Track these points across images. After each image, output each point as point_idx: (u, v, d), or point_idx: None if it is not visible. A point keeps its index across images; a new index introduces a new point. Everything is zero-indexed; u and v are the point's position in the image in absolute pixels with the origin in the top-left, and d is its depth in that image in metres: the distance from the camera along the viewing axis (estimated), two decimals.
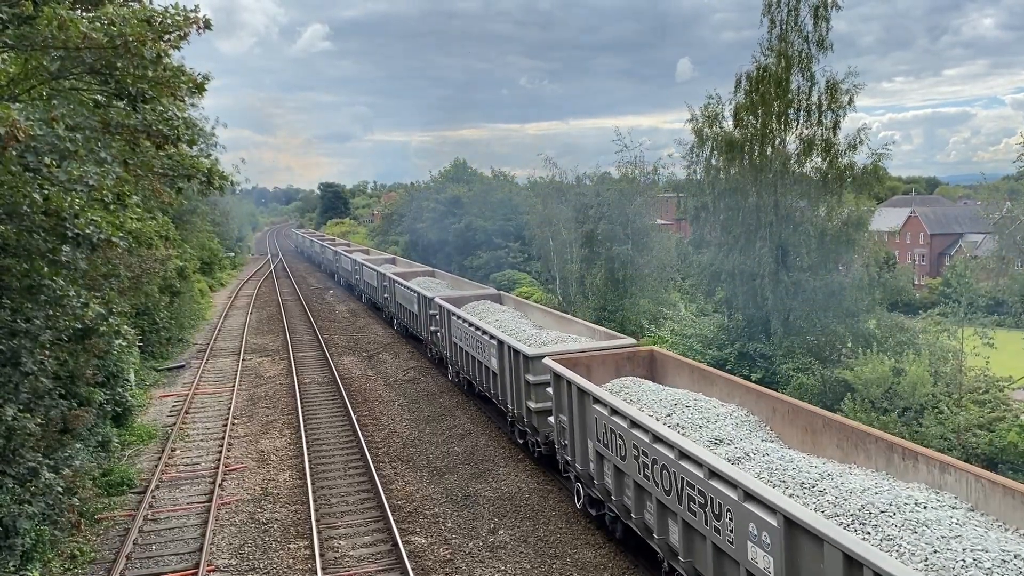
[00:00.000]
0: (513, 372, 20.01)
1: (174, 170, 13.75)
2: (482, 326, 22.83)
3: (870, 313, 27.87)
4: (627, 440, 12.93)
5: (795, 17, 27.65)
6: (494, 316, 25.24)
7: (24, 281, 12.60)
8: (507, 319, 24.77)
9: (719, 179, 29.55)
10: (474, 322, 23.62)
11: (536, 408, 18.51)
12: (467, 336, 24.42)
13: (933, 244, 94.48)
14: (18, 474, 13.24)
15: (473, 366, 24.24)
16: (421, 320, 32.00)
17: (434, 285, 36.24)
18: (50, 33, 10.01)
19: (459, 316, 25.12)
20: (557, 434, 16.70)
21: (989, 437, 19.92)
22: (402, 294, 36.10)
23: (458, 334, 25.56)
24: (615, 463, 13.61)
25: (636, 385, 15.54)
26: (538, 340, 20.90)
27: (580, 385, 14.93)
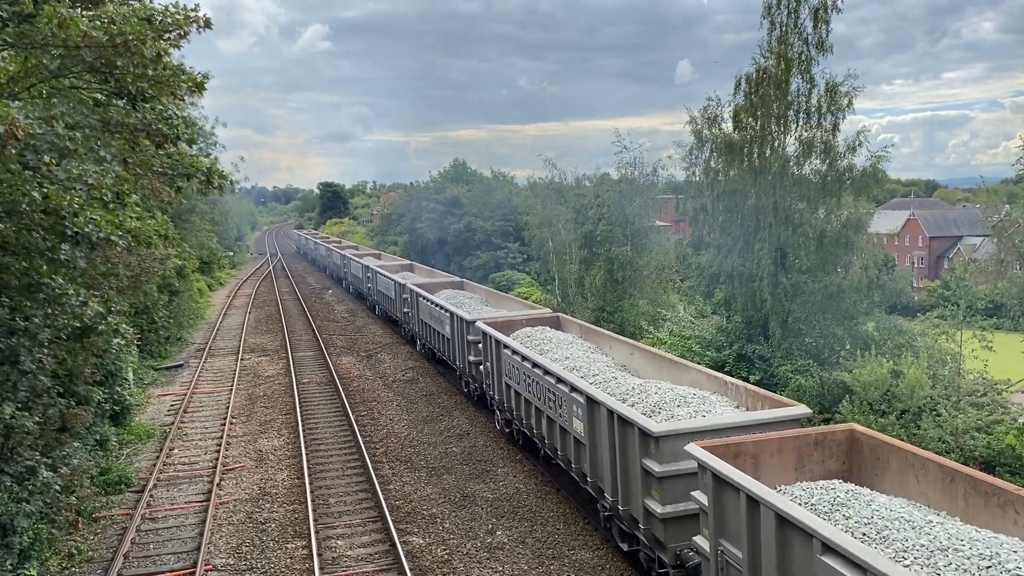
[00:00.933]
0: (621, 451, 13.44)
1: (173, 169, 13.77)
2: (557, 372, 16.41)
3: (869, 315, 27.85)
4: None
5: (795, 19, 27.62)
6: (559, 350, 19.54)
7: (23, 279, 12.61)
8: (578, 355, 18.86)
9: (718, 181, 29.53)
10: (541, 363, 17.35)
11: (669, 514, 12.05)
12: (528, 378, 18.22)
13: (932, 247, 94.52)
14: (16, 472, 13.25)
15: (539, 421, 17.76)
16: (455, 346, 26.02)
17: (467, 301, 30.16)
18: (50, 31, 10.02)
19: (513, 349, 19.34)
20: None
21: (987, 440, 19.91)
22: (428, 311, 29.94)
23: (513, 373, 19.38)
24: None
25: None
26: (649, 400, 14.27)
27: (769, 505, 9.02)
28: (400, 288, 36.38)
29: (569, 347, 19.87)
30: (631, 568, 14.10)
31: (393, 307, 39.09)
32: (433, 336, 29.62)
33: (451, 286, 34.95)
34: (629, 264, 38.11)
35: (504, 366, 20.26)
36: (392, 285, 38.63)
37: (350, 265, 56.20)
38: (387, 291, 40.27)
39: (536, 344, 20.41)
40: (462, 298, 31.28)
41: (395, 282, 37.91)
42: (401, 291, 36.11)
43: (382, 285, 41.91)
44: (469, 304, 29.55)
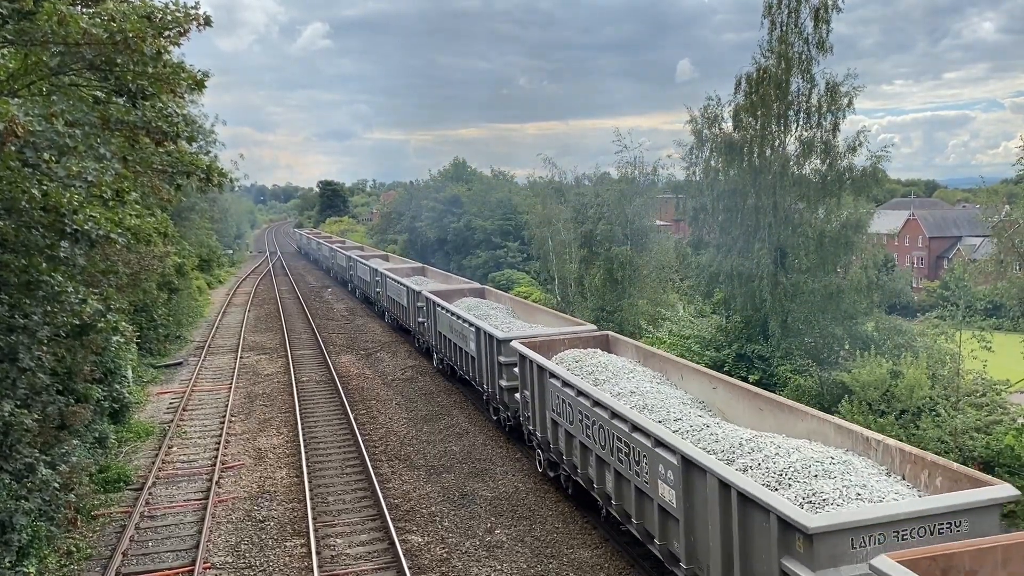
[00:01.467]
0: (742, 542, 9.90)
1: (173, 167, 13.77)
2: (631, 417, 12.85)
3: (868, 315, 27.88)
4: None
5: (795, 19, 27.63)
6: (619, 379, 15.93)
7: (22, 277, 12.60)
8: (646, 388, 15.27)
9: (718, 180, 29.55)
10: (606, 402, 13.82)
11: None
12: (585, 418, 14.69)
13: (932, 247, 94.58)
14: (15, 470, 13.24)
15: (602, 474, 14.42)
16: (482, 366, 22.39)
17: (491, 312, 25.99)
18: (50, 29, 10.01)
19: (564, 380, 15.75)
20: None
21: (986, 440, 19.90)
22: (448, 323, 26.31)
23: (562, 408, 15.88)
24: None
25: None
26: (773, 466, 10.67)
27: None
28: (414, 296, 32.56)
29: (630, 377, 16.37)
30: (630, 567, 14.10)
31: (405, 316, 35.19)
32: (454, 352, 25.59)
33: (471, 293, 30.90)
34: (629, 263, 38.14)
35: (549, 398, 16.83)
36: (405, 292, 34.81)
37: (356, 268, 52.36)
38: (398, 298, 36.42)
39: (588, 371, 16.94)
40: (486, 309, 26.94)
41: (408, 288, 34.17)
42: (415, 299, 32.12)
43: (392, 291, 38.11)
44: (496, 317, 25.38)
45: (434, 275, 41.89)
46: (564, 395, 15.75)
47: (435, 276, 41.52)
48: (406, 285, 34.92)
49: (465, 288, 32.04)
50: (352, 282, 55.56)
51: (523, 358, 18.19)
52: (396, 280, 37.37)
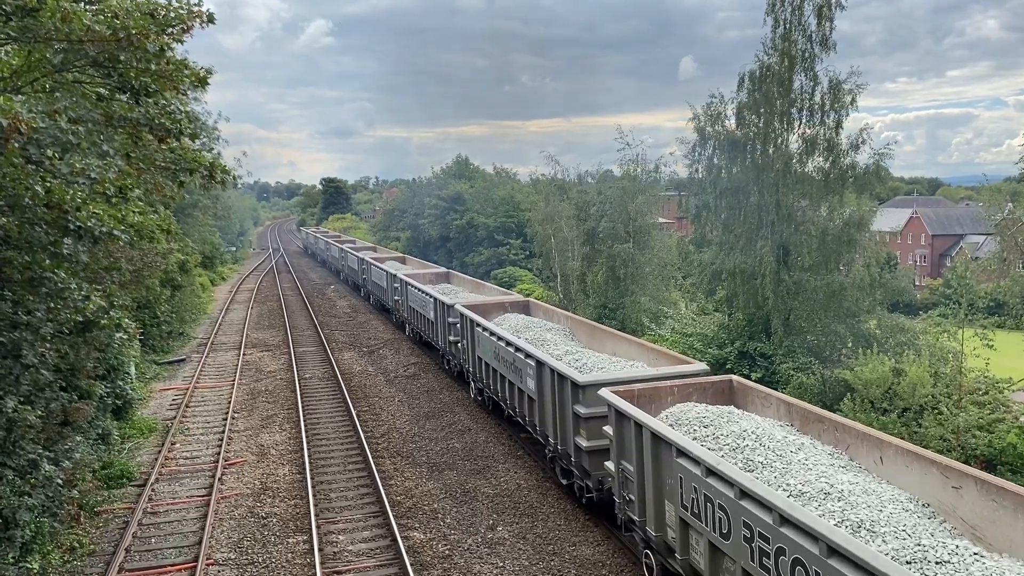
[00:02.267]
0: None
1: (176, 164, 13.78)
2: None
3: (871, 313, 27.89)
4: None
5: (799, 17, 27.65)
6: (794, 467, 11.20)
7: (26, 273, 12.63)
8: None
9: (721, 178, 29.57)
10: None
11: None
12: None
13: (934, 245, 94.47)
14: (18, 466, 13.27)
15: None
16: (547, 413, 17.44)
17: (547, 336, 20.88)
18: (53, 25, 10.02)
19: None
20: None
21: (988, 438, 19.92)
22: (493, 349, 21.03)
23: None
24: None
25: None
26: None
27: None
28: (444, 309, 27.80)
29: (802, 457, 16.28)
30: (632, 565, 14.12)
31: (432, 332, 30.09)
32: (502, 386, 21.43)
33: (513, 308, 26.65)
34: (631, 261, 38.16)
35: (679, 488, 17.38)
36: (431, 303, 29.72)
37: (370, 272, 45.92)
38: (423, 310, 31.46)
39: (730, 445, 15.19)
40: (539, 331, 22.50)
41: (435, 300, 29.07)
42: (446, 312, 27.41)
43: (415, 301, 32.78)
44: (554, 343, 21.81)
45: (461, 282, 36.84)
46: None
47: (463, 283, 36.27)
48: (432, 295, 29.83)
49: (505, 301, 26.98)
50: (365, 287, 50.65)
51: (621, 416, 13.12)
52: (420, 289, 32.25)
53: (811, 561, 8.42)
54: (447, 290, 32.57)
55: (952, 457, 13.88)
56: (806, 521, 8.58)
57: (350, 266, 58.16)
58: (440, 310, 28.30)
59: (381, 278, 42.83)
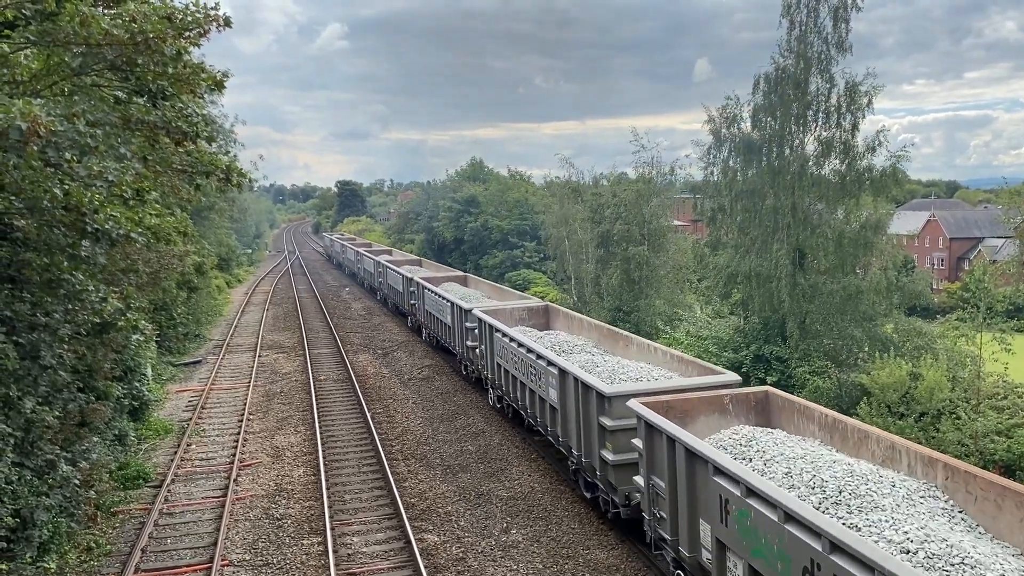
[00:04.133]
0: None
1: (193, 167, 13.85)
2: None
3: (887, 317, 27.69)
4: None
5: (815, 18, 27.53)
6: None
7: (44, 275, 12.73)
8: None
9: (736, 180, 29.45)
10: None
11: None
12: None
13: (952, 248, 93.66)
14: (36, 466, 13.37)
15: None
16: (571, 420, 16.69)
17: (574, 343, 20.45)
18: (72, 29, 10.09)
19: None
20: None
21: (1007, 443, 19.74)
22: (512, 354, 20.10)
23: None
24: None
25: None
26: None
27: None
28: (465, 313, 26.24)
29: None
30: (646, 568, 14.06)
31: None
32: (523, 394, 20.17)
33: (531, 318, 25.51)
34: (646, 264, 38.07)
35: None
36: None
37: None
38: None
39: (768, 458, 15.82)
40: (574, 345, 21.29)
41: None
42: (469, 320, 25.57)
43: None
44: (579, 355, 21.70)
45: (478, 285, 35.34)
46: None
47: (480, 287, 34.77)
48: (449, 300, 28.68)
49: (525, 306, 25.92)
50: (381, 290, 47.99)
51: (652, 429, 12.46)
52: (437, 293, 30.92)
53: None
54: (465, 294, 31.56)
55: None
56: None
57: (366, 269, 56.95)
58: (457, 315, 27.58)
59: (397, 281, 41.78)
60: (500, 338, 21.60)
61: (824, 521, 8.46)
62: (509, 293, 31.79)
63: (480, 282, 36.31)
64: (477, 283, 36.28)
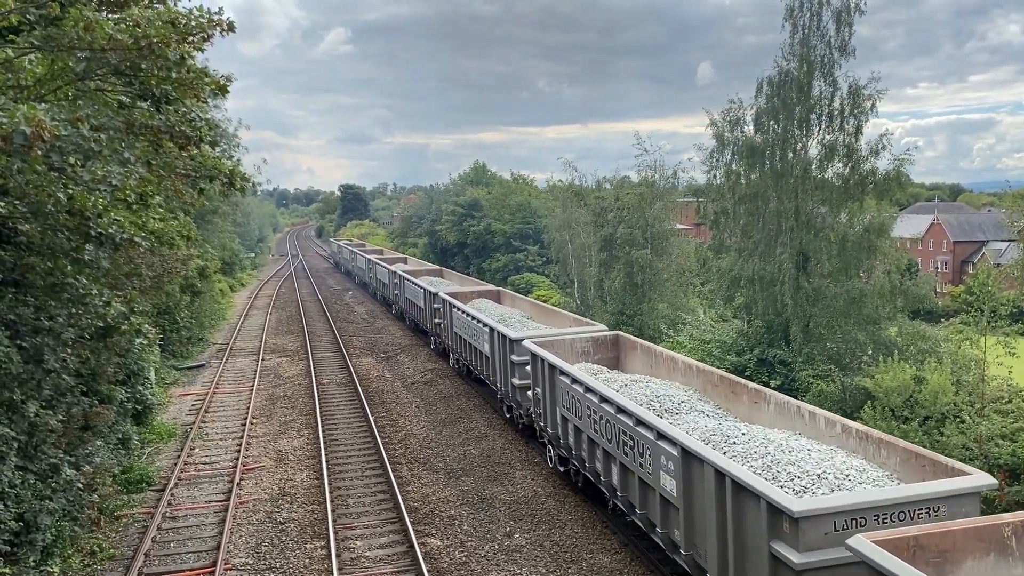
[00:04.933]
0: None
1: (196, 171, 13.89)
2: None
3: (891, 320, 27.61)
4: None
5: (817, 22, 27.50)
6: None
7: (48, 279, 12.77)
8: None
9: (739, 184, 29.41)
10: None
11: None
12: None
13: (956, 251, 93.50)
14: (40, 470, 13.39)
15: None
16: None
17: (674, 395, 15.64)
18: (76, 34, 10.12)
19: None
20: None
21: (1012, 447, 19.66)
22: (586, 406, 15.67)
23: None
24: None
25: None
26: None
27: None
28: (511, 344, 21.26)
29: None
30: (649, 573, 14.04)
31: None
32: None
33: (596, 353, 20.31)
34: (649, 267, 38.00)
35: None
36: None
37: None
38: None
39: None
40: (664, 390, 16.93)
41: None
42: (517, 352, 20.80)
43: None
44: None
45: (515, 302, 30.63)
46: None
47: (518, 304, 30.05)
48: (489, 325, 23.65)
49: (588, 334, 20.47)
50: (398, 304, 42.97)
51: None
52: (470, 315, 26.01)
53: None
54: (503, 316, 26.29)
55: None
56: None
57: (379, 279, 50.58)
58: (500, 344, 22.56)
59: (417, 296, 35.96)
60: (569, 385, 16.58)
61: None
62: (557, 314, 26.01)
63: (516, 298, 31.65)
64: (513, 299, 31.66)
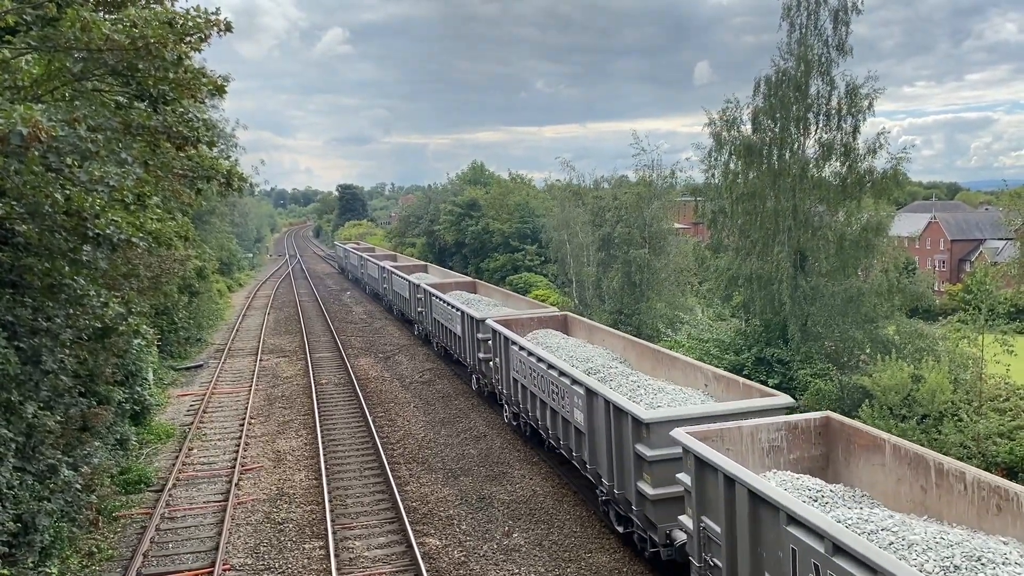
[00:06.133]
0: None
1: (194, 171, 13.88)
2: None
3: (889, 319, 27.62)
4: None
5: (815, 21, 27.49)
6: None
7: (45, 280, 12.75)
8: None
9: (737, 183, 29.40)
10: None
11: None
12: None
13: (953, 250, 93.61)
14: (38, 471, 13.37)
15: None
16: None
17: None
18: (73, 35, 10.11)
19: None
20: None
21: (1009, 446, 19.71)
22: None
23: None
24: None
25: None
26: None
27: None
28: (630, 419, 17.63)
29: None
30: (649, 572, 14.05)
31: None
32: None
33: None
34: (647, 266, 38.00)
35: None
36: None
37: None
38: None
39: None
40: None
41: None
42: None
43: None
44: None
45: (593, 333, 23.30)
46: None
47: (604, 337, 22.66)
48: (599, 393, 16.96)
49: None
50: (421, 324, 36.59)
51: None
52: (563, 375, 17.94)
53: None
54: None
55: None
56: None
57: (397, 292, 43.36)
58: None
59: (453, 320, 29.05)
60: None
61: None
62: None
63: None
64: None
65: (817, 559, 8.41)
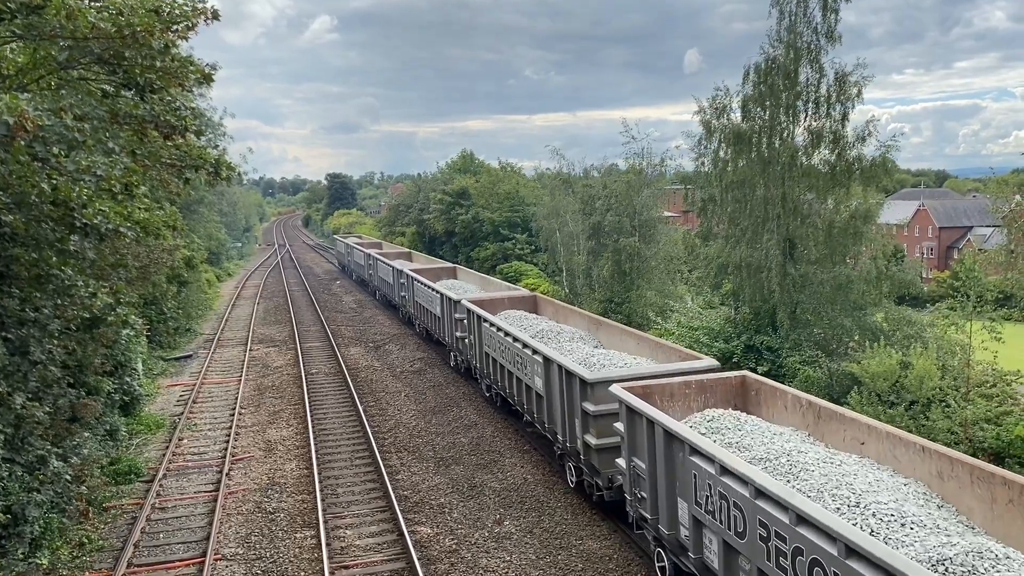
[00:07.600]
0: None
1: (182, 160, 13.81)
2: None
3: (878, 306, 27.74)
4: None
5: (804, 8, 27.47)
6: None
7: (33, 271, 12.67)
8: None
9: (727, 171, 29.41)
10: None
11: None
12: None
13: (942, 237, 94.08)
14: (27, 462, 13.34)
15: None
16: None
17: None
18: (59, 23, 10.04)
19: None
20: None
21: (996, 431, 19.86)
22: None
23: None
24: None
25: None
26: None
27: None
28: None
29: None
30: (638, 558, 14.13)
31: None
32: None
33: None
34: (637, 255, 38.05)
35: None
36: None
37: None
38: None
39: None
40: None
41: None
42: None
43: None
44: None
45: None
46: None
47: None
48: None
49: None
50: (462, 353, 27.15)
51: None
52: None
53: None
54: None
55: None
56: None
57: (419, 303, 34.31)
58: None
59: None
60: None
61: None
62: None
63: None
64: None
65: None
